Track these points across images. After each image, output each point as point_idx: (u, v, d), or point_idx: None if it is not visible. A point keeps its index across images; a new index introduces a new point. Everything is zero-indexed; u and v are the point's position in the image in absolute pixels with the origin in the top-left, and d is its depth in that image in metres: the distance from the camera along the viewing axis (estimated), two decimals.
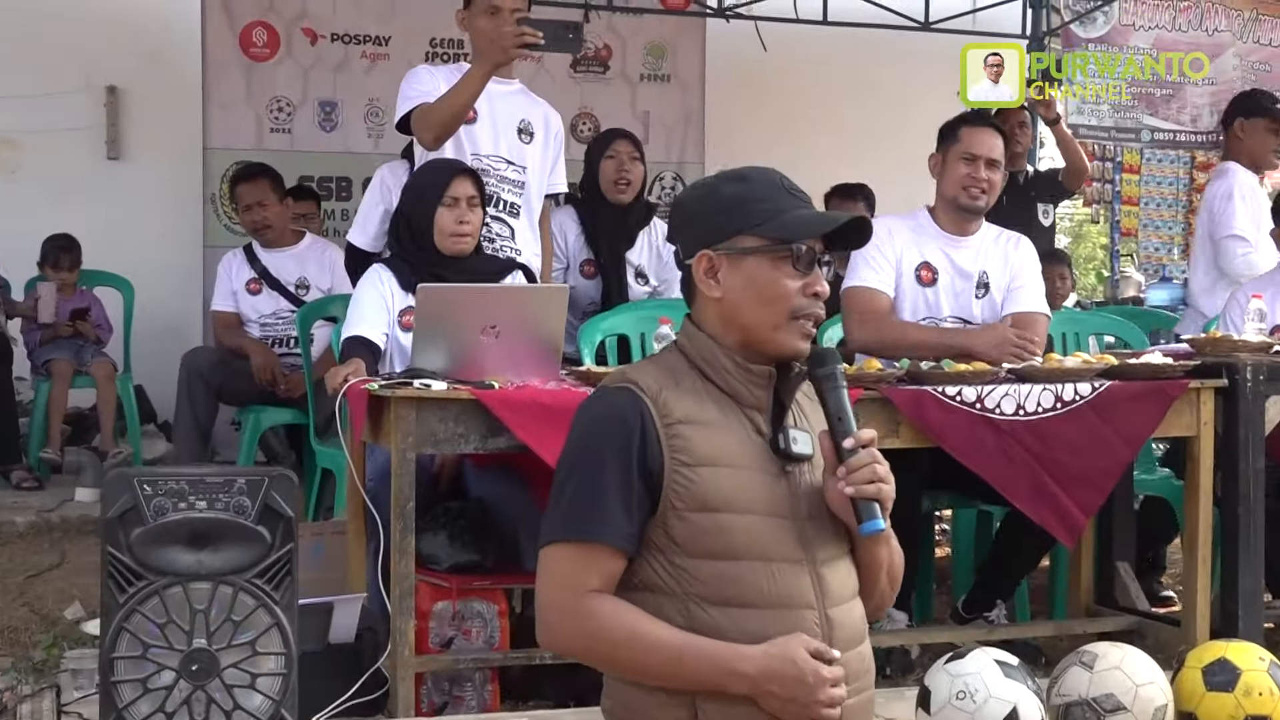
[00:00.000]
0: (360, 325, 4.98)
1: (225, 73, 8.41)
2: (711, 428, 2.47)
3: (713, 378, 2.51)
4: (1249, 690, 3.99)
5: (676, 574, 2.44)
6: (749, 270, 2.50)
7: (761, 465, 2.48)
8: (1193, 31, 10.49)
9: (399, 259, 5.14)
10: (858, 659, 2.51)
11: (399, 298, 5.00)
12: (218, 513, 3.71)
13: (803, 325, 2.51)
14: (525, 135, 5.65)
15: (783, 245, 2.49)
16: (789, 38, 9.42)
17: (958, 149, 5.34)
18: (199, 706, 3.69)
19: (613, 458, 2.45)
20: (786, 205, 2.52)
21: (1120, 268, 11.56)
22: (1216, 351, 5.03)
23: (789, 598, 2.43)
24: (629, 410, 2.46)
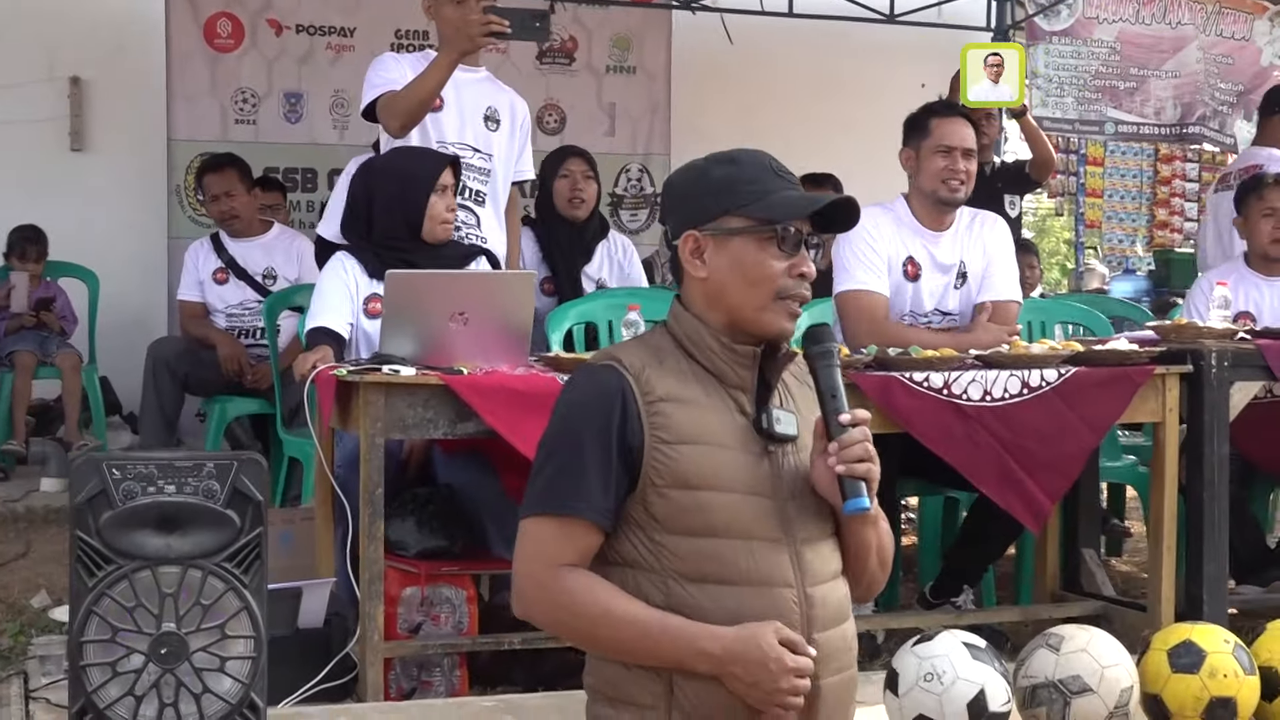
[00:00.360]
0: (324, 315, 4.96)
1: (189, 64, 8.40)
2: (693, 406, 2.49)
3: (698, 357, 2.53)
4: (1214, 672, 4.01)
5: (656, 550, 2.45)
6: (735, 251, 2.52)
7: (743, 445, 2.49)
8: (1156, 25, 10.57)
9: (367, 250, 5.10)
10: (839, 638, 2.52)
11: (364, 285, 4.99)
12: (187, 497, 3.69)
13: (788, 305, 2.53)
14: (491, 123, 5.65)
15: (768, 226, 2.51)
16: (754, 30, 9.45)
17: (931, 142, 5.32)
18: (168, 690, 3.67)
19: (592, 434, 2.46)
20: (773, 187, 2.53)
21: (1084, 260, 11.63)
22: (1182, 338, 5.07)
23: (767, 576, 2.45)
24: (611, 387, 2.48)
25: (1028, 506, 4.83)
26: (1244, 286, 6.08)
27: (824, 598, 2.50)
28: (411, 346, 4.48)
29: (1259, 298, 6.08)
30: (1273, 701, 4.10)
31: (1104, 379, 4.83)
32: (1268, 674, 4.09)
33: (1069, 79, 10.33)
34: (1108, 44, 10.41)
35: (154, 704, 3.67)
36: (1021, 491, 4.80)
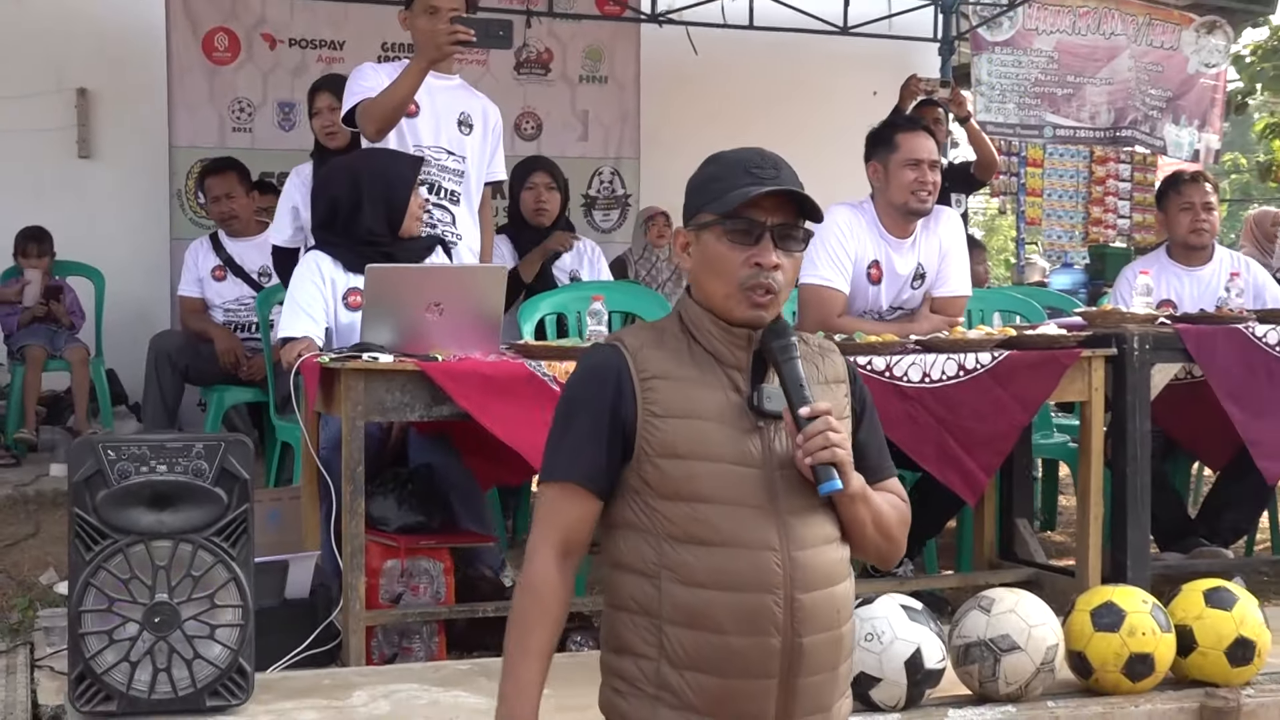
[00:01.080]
0: (294, 326, 4.87)
1: (189, 76, 8.38)
2: (685, 383, 2.52)
3: (699, 339, 2.56)
4: (1133, 630, 4.06)
5: (650, 514, 2.49)
6: (704, 244, 2.55)
7: (734, 420, 2.51)
8: (1091, 35, 10.61)
9: (336, 245, 5.04)
10: (825, 599, 2.50)
11: (341, 281, 4.94)
12: (177, 475, 3.72)
13: (751, 295, 2.52)
14: (465, 127, 5.63)
15: (723, 220, 2.53)
16: (718, 41, 9.47)
17: (899, 156, 5.28)
18: (161, 656, 3.70)
19: (590, 407, 2.52)
20: (738, 183, 2.51)
21: (1026, 255, 11.67)
22: (1106, 323, 5.10)
23: (750, 539, 2.46)
24: (609, 365, 2.54)
25: (965, 481, 4.86)
26: (1165, 276, 6.12)
27: (809, 561, 2.50)
28: (390, 336, 4.49)
29: (1179, 286, 6.12)
30: (1187, 657, 4.14)
31: (1034, 361, 4.86)
32: (1183, 631, 4.14)
33: (1010, 86, 10.36)
34: (1046, 53, 10.44)
35: (148, 669, 3.71)
36: (960, 467, 4.84)
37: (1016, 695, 3.99)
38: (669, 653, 2.47)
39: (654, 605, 2.48)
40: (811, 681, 2.50)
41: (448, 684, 4.12)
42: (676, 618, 2.47)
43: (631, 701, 2.51)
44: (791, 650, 2.47)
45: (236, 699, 3.77)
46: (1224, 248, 6.43)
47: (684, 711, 2.46)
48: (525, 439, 4.32)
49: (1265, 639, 4.17)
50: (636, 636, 2.50)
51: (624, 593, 2.53)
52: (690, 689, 2.46)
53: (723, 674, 2.46)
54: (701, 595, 2.45)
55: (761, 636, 2.46)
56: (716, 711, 2.47)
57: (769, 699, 2.48)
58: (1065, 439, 6.21)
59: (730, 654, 2.45)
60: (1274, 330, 5.14)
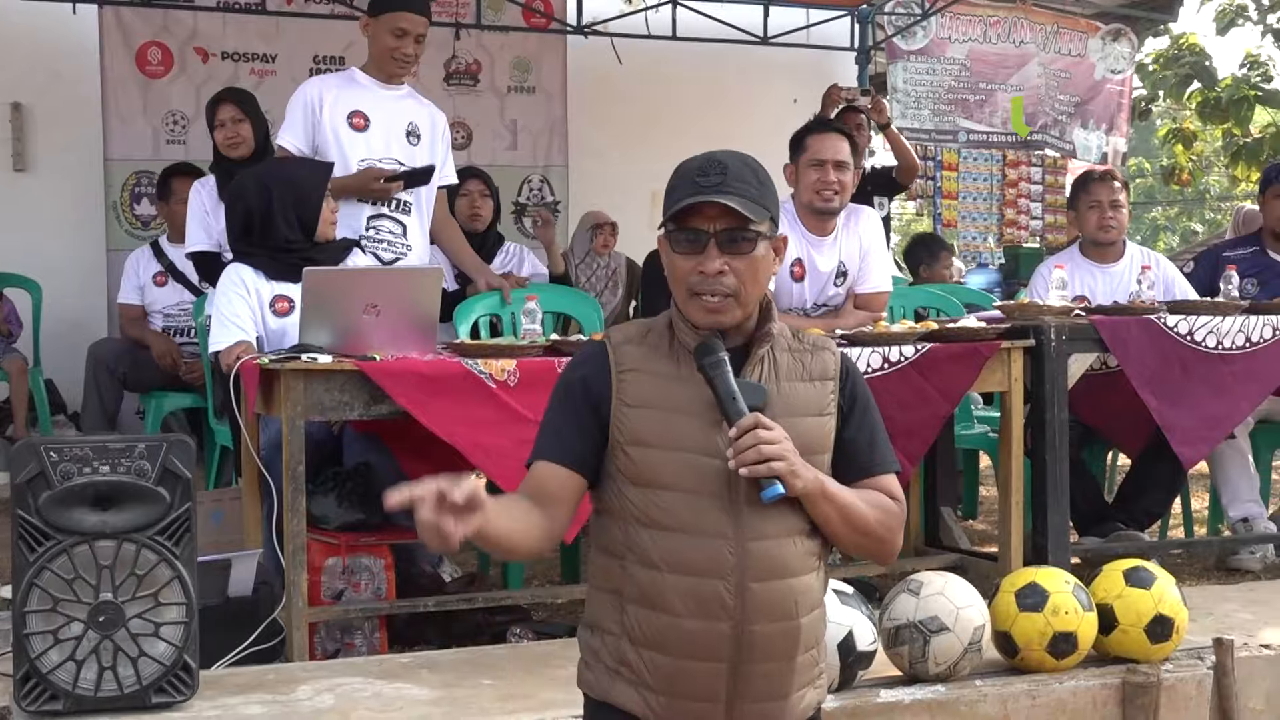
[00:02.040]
0: (226, 338, 4.78)
1: (123, 89, 8.30)
2: (660, 377, 2.54)
3: (678, 336, 2.58)
4: (1057, 610, 4.09)
5: (620, 499, 2.52)
6: (664, 252, 2.59)
7: (704, 412, 2.51)
8: (1002, 44, 10.70)
9: (254, 255, 4.96)
10: (778, 590, 2.49)
11: (265, 289, 4.87)
12: (120, 476, 3.67)
13: (702, 301, 2.52)
14: (413, 137, 5.59)
15: (670, 231, 2.54)
16: (642, 52, 9.47)
17: (805, 157, 5.34)
18: (106, 655, 3.64)
19: (570, 395, 2.59)
20: (685, 194, 2.52)
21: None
22: (1024, 315, 5.13)
23: (705, 527, 2.47)
24: (593, 358, 2.59)
25: None
26: (1079, 273, 6.16)
27: (764, 552, 2.49)
28: (328, 337, 4.45)
29: (1093, 282, 6.16)
30: (1109, 635, 4.17)
31: (956, 353, 4.89)
32: (1104, 610, 4.17)
33: (925, 93, 10.43)
34: (959, 61, 10.52)
35: (94, 668, 3.65)
36: None
37: (945, 675, 4.01)
38: (629, 630, 2.51)
39: (619, 584, 2.53)
40: (763, 669, 2.51)
41: (391, 677, 4.09)
42: (636, 597, 2.51)
43: (595, 674, 2.57)
44: (741, 637, 2.48)
45: (182, 695, 3.71)
46: (1134, 244, 6.49)
47: (639, 688, 2.50)
48: (462, 435, 4.31)
49: (1183, 616, 4.21)
50: (605, 614, 2.55)
51: (599, 572, 2.59)
52: (646, 666, 2.50)
53: (675, 654, 2.48)
54: (657, 577, 2.48)
55: (711, 620, 2.47)
56: (668, 690, 2.49)
57: (718, 682, 2.49)
58: (985, 429, 6.25)
59: (681, 635, 2.48)
60: (1185, 320, 5.20)
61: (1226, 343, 5.22)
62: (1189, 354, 5.18)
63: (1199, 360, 5.19)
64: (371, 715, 3.74)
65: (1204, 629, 4.46)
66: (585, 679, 2.60)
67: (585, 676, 2.60)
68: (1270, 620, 4.71)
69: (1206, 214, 35.53)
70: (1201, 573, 5.93)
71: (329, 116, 5.46)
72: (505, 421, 4.32)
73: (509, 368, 4.36)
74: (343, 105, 5.49)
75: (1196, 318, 5.22)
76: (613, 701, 2.52)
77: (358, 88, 5.57)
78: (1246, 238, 6.79)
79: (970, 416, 6.34)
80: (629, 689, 2.50)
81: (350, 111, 5.49)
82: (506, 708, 3.79)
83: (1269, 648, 4.40)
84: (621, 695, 2.51)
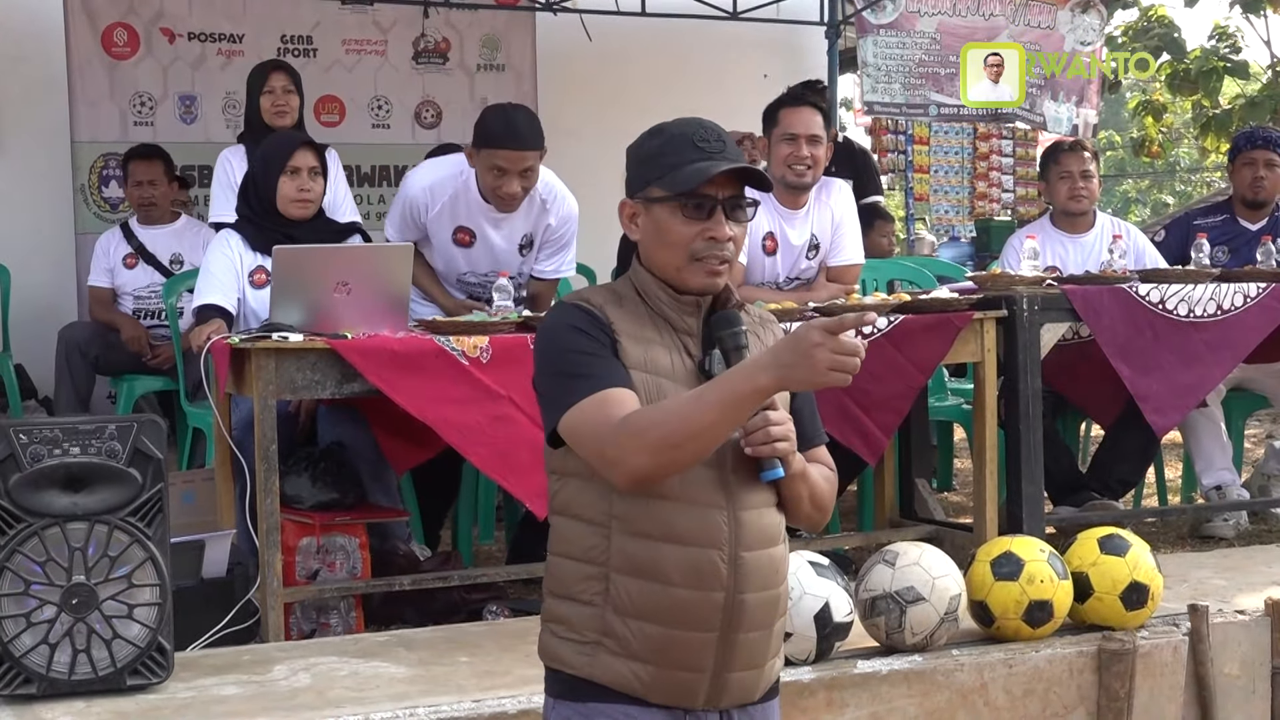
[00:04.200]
0: (211, 293, 4.90)
1: (89, 71, 8.19)
2: (646, 342, 2.52)
3: (651, 304, 2.55)
4: (1032, 578, 4.10)
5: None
6: (656, 217, 2.54)
7: (687, 381, 2.51)
8: (971, 16, 10.68)
9: (246, 221, 5.08)
10: (766, 559, 2.52)
11: (248, 258, 4.93)
12: (91, 457, 3.64)
13: (706, 264, 2.52)
14: (525, 249, 5.33)
15: (677, 196, 2.52)
16: (611, 28, 9.41)
17: (779, 131, 5.32)
18: (80, 637, 3.62)
19: (583, 336, 2.48)
20: (688, 158, 2.52)
21: (915, 230, 11.74)
22: (996, 286, 5.13)
23: (700, 496, 2.47)
24: (589, 315, 2.51)
25: (865, 442, 4.88)
26: (1050, 243, 6.17)
27: (753, 521, 2.50)
28: (299, 315, 4.43)
29: (1064, 253, 6.17)
30: (1084, 602, 4.19)
31: (929, 324, 4.89)
32: (1079, 578, 4.19)
33: (896, 67, 10.41)
34: (929, 35, 10.50)
35: (67, 650, 3.63)
36: (859, 428, 4.86)
37: (922, 645, 4.01)
38: (615, 600, 2.47)
39: (601, 554, 2.48)
40: (749, 637, 2.52)
41: (367, 655, 4.08)
42: (624, 567, 2.47)
43: (570, 646, 2.51)
44: (733, 605, 2.49)
45: (157, 677, 3.70)
46: (1105, 214, 6.51)
47: (625, 659, 2.47)
48: (435, 412, 4.31)
49: (1158, 583, 4.23)
50: (580, 584, 2.50)
51: (571, 540, 2.52)
52: (634, 637, 2.46)
53: (666, 624, 2.46)
54: (650, 547, 2.46)
55: (706, 590, 2.47)
56: (657, 660, 2.48)
57: (708, 651, 2.49)
58: (959, 401, 6.26)
59: (675, 605, 2.46)
60: (1156, 289, 5.20)
61: (1198, 310, 5.23)
62: (1160, 322, 5.19)
63: (1170, 328, 5.20)
64: (348, 694, 3.73)
65: (1179, 596, 4.48)
66: (553, 651, 2.54)
67: (554, 649, 2.53)
68: (1244, 586, 4.73)
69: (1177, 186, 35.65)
70: (1176, 540, 5.96)
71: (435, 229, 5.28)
72: (478, 398, 4.31)
73: (481, 344, 4.34)
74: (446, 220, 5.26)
75: (1168, 286, 5.23)
76: (594, 678, 2.48)
77: (471, 203, 5.25)
78: (1217, 205, 6.81)
79: (944, 389, 6.35)
80: (613, 660, 2.47)
81: (456, 228, 5.26)
82: (483, 684, 3.78)
83: (1243, 613, 4.42)
84: (603, 669, 2.47)
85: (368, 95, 8.75)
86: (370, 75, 8.76)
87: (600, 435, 2.41)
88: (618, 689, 2.48)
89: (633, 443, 2.38)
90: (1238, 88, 17.07)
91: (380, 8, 8.74)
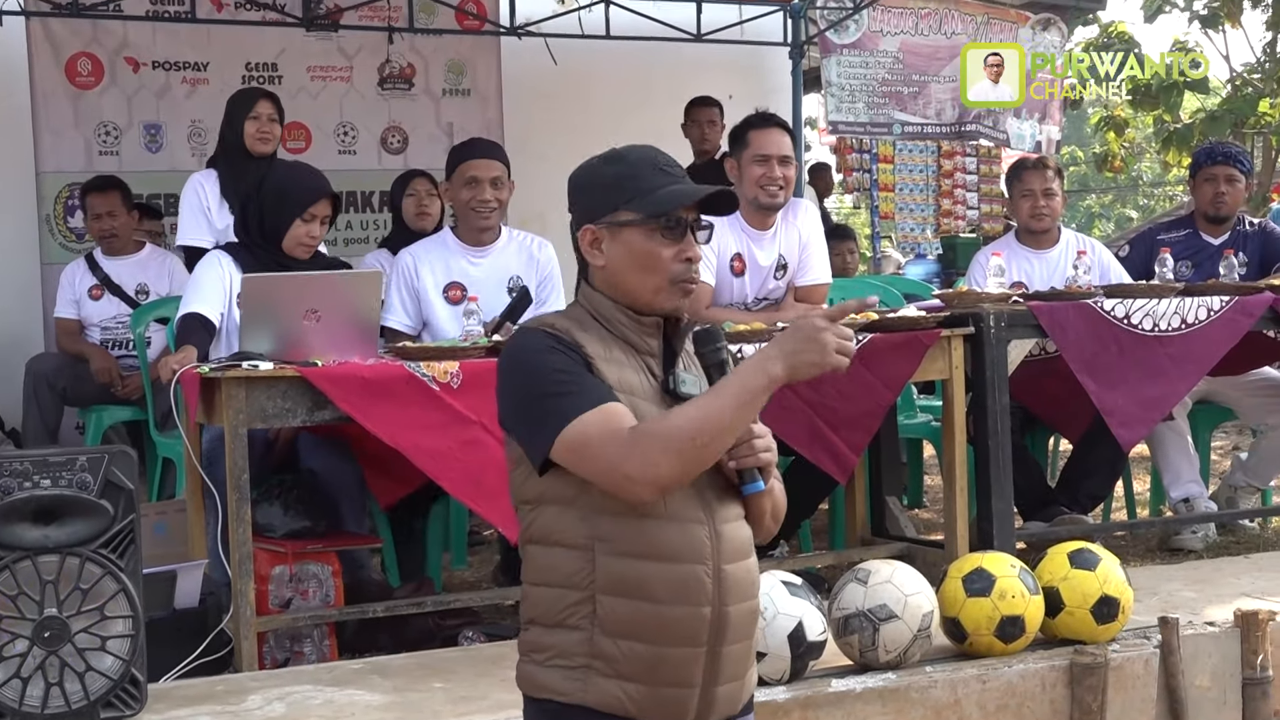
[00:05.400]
0: (198, 303, 4.93)
1: (53, 101, 8.18)
2: (616, 364, 2.53)
3: (610, 328, 2.57)
4: (1003, 594, 4.12)
5: (583, 487, 2.47)
6: (627, 242, 2.55)
7: (655, 402, 2.53)
8: (934, 35, 10.74)
9: (243, 246, 5.08)
10: (744, 570, 2.55)
11: (238, 280, 4.92)
12: (61, 489, 3.63)
13: (682, 287, 2.57)
14: (513, 293, 5.28)
15: (653, 219, 2.54)
16: (576, 52, 9.44)
17: (749, 153, 5.33)
18: (53, 671, 3.60)
19: (559, 355, 2.48)
20: (658, 182, 2.56)
21: (881, 248, 11.80)
22: (963, 304, 5.16)
23: (681, 512, 2.48)
24: (555, 338, 2.51)
25: (835, 461, 4.90)
26: (1016, 260, 6.21)
27: (731, 534, 2.54)
28: (269, 344, 4.43)
29: (1029, 269, 6.22)
30: (1056, 617, 4.21)
31: (897, 343, 4.91)
32: (1050, 593, 4.21)
33: (859, 86, 10.46)
34: (892, 54, 10.56)
35: (40, 684, 3.61)
36: (829, 447, 4.87)
37: (896, 662, 4.03)
38: (603, 622, 2.47)
39: (585, 578, 2.48)
40: (734, 649, 2.55)
41: (342, 683, 4.07)
42: (611, 588, 2.47)
43: (558, 673, 2.50)
44: (719, 619, 2.51)
45: (130, 709, 3.69)
46: (1070, 230, 6.55)
47: (616, 680, 2.48)
48: (406, 438, 4.30)
49: (1128, 596, 4.25)
50: (566, 610, 2.50)
51: (552, 567, 2.52)
52: (624, 657, 2.47)
53: (656, 642, 2.48)
54: (636, 566, 2.47)
55: (694, 605, 2.49)
56: (648, 679, 2.49)
57: (697, 667, 2.51)
58: (928, 419, 6.29)
59: (664, 623, 2.48)
60: (1121, 304, 5.24)
61: (1163, 325, 5.27)
62: (1126, 337, 5.22)
63: (1135, 343, 5.24)
64: None
65: (1149, 609, 4.51)
66: (540, 680, 2.52)
67: (540, 678, 2.52)
68: (1214, 598, 4.76)
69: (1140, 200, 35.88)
70: (1145, 553, 5.99)
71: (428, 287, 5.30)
72: (449, 424, 4.31)
73: (452, 370, 4.35)
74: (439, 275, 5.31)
75: (1133, 301, 5.26)
76: (585, 703, 2.48)
77: (449, 254, 5.36)
78: (1179, 220, 6.87)
79: (913, 406, 6.38)
80: (604, 682, 2.47)
81: (447, 284, 5.31)
82: (459, 710, 3.78)
83: (1213, 625, 4.45)
84: (595, 692, 2.47)
85: (334, 121, 8.76)
86: (336, 101, 8.77)
87: (614, 448, 2.41)
88: (609, 711, 2.48)
89: (656, 448, 2.39)
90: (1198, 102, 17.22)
91: (345, 34, 8.75)
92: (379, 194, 8.78)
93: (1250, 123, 15.40)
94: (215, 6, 8.47)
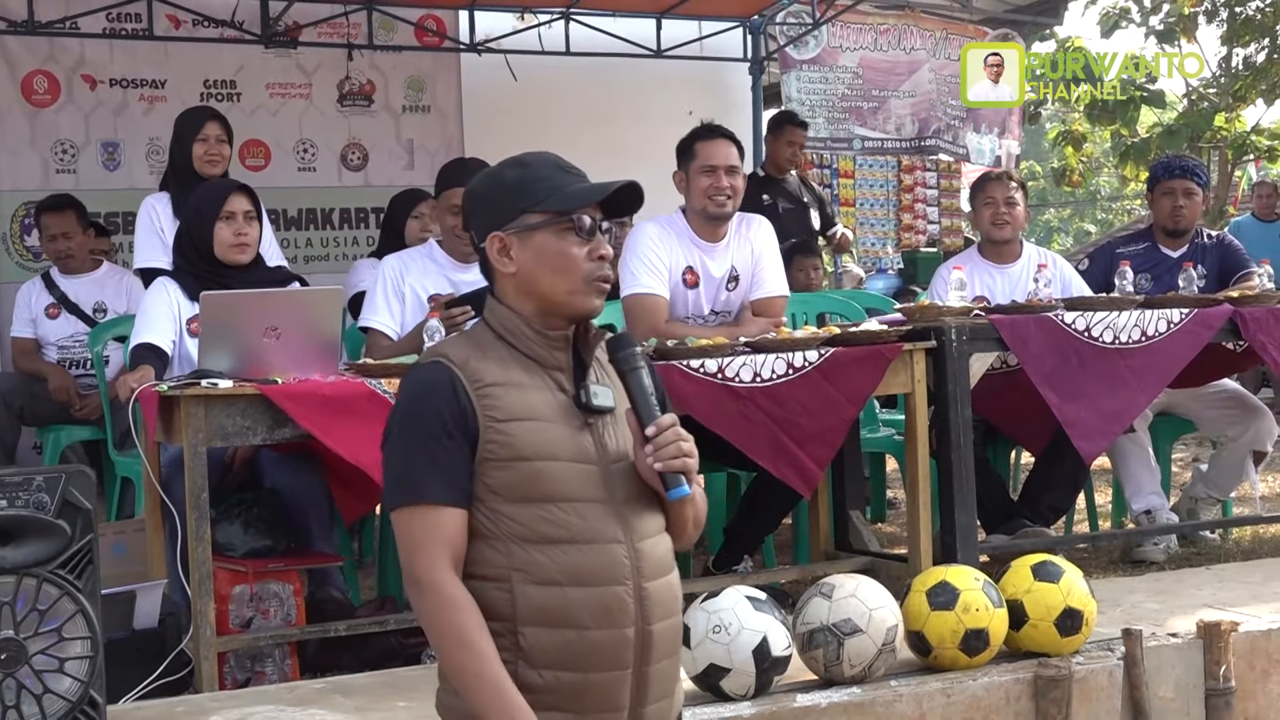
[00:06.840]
0: (149, 333, 4.90)
1: (9, 119, 8.14)
2: (517, 388, 2.49)
3: (516, 345, 2.53)
4: (967, 607, 4.12)
5: (495, 519, 2.44)
6: (538, 244, 2.52)
7: (566, 419, 2.50)
8: (893, 51, 10.82)
9: (183, 272, 5.05)
10: (665, 587, 2.53)
11: (185, 307, 4.91)
12: (18, 510, 3.58)
13: (596, 286, 2.54)
14: None
15: (564, 217, 2.52)
16: (536, 68, 9.46)
17: (697, 164, 5.33)
18: (9, 693, 3.55)
19: (430, 422, 2.44)
20: (563, 182, 2.54)
21: (842, 263, 11.81)
22: (925, 317, 5.17)
23: (597, 533, 2.46)
24: (440, 379, 2.46)
25: (799, 474, 4.89)
26: (978, 274, 6.23)
27: (650, 551, 2.51)
28: (228, 362, 4.40)
29: (991, 283, 6.23)
30: (1020, 629, 4.21)
31: (859, 357, 4.91)
32: (1014, 606, 4.21)
33: (819, 101, 10.52)
34: (851, 70, 10.63)
35: None
36: (793, 461, 4.86)
37: (861, 676, 4.02)
38: (527, 653, 2.43)
39: (506, 609, 2.44)
40: (659, 668, 2.53)
41: (304, 703, 4.04)
42: (533, 618, 2.43)
43: None
44: (644, 639, 2.49)
45: None
46: (1031, 244, 6.58)
47: (543, 711, 2.42)
48: (369, 457, 4.25)
49: (1091, 608, 4.26)
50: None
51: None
52: (550, 688, 2.43)
53: (582, 669, 2.44)
54: (557, 593, 2.44)
55: (618, 628, 2.46)
56: (575, 706, 2.45)
57: (625, 689, 2.48)
58: (891, 433, 6.29)
59: (589, 648, 2.44)
60: (1081, 317, 5.26)
61: (1123, 337, 5.29)
62: (1087, 349, 5.24)
63: (1096, 355, 5.25)
64: None
65: (1112, 620, 4.52)
66: (462, 710, 2.45)
67: (461, 710, 2.45)
68: (1176, 609, 4.78)
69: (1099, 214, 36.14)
70: (1108, 565, 6.01)
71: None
72: None
73: None
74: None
75: (1093, 314, 5.28)
76: None
77: (437, 267, 5.45)
78: (1138, 233, 6.90)
79: (876, 420, 6.39)
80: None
81: (431, 295, 5.33)
82: None
83: (1176, 636, 4.46)
84: None
85: (293, 139, 8.74)
86: (295, 118, 8.76)
87: (417, 566, 2.43)
88: None
89: (428, 613, 2.42)
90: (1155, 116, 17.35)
91: (304, 51, 8.74)
92: (339, 211, 8.77)
93: (1206, 137, 15.54)
94: (173, 24, 8.46)
